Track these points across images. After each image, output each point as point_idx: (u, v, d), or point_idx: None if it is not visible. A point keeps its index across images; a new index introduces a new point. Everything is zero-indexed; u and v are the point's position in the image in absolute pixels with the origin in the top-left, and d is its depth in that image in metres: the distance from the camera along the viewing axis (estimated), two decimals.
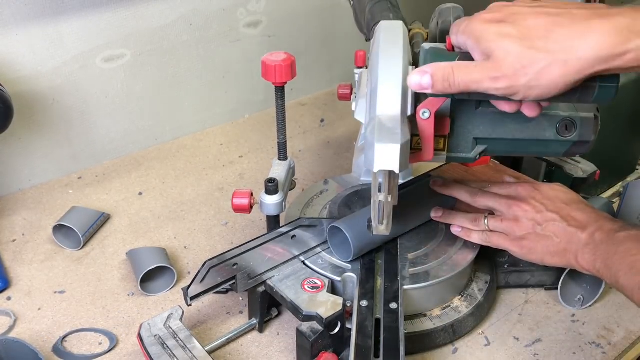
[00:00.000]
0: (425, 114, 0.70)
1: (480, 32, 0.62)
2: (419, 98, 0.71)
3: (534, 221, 0.82)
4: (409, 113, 0.68)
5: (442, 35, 0.77)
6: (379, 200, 0.66)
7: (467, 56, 0.65)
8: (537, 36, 0.59)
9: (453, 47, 0.68)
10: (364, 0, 0.90)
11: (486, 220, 0.86)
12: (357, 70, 0.78)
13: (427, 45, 0.70)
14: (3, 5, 1.05)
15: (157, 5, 1.22)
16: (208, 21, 1.31)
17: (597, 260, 0.75)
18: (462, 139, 0.77)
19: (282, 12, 1.41)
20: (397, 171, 0.62)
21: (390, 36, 0.74)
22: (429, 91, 0.65)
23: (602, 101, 0.63)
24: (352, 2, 0.94)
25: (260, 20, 1.39)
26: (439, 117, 0.73)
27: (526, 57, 0.59)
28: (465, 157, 0.78)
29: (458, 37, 0.66)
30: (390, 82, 0.67)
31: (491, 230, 0.86)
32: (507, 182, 0.91)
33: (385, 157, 0.61)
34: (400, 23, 0.77)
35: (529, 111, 0.68)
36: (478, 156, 0.78)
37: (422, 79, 0.64)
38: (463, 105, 0.75)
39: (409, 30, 0.86)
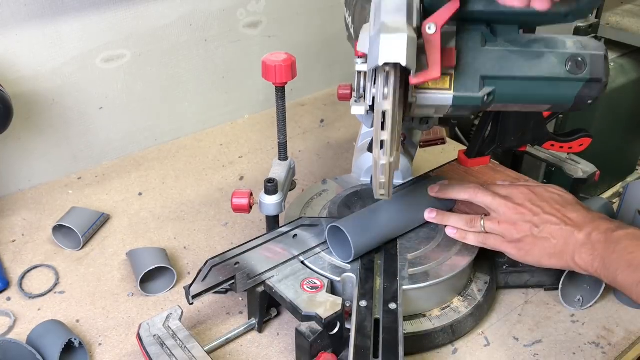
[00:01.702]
0: (431, 29, 0.66)
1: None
2: (425, 13, 0.69)
3: (531, 223, 0.82)
4: (415, 25, 0.65)
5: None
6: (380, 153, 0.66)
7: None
8: None
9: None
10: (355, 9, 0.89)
11: (482, 222, 0.86)
12: (357, 60, 0.76)
13: None
14: (3, 5, 1.05)
15: (157, 6, 1.22)
16: (208, 21, 1.31)
17: (595, 260, 0.76)
18: (468, 77, 0.74)
19: (282, 12, 1.41)
20: (403, 63, 0.58)
21: None
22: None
23: None
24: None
25: (260, 20, 1.39)
26: (445, 46, 0.70)
27: None
28: (473, 96, 0.74)
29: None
30: None
31: (487, 232, 0.86)
32: (503, 184, 0.91)
33: (392, 48, 0.57)
34: None
35: (540, 4, 0.66)
36: (486, 97, 0.74)
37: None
38: (469, 42, 0.73)
39: None
